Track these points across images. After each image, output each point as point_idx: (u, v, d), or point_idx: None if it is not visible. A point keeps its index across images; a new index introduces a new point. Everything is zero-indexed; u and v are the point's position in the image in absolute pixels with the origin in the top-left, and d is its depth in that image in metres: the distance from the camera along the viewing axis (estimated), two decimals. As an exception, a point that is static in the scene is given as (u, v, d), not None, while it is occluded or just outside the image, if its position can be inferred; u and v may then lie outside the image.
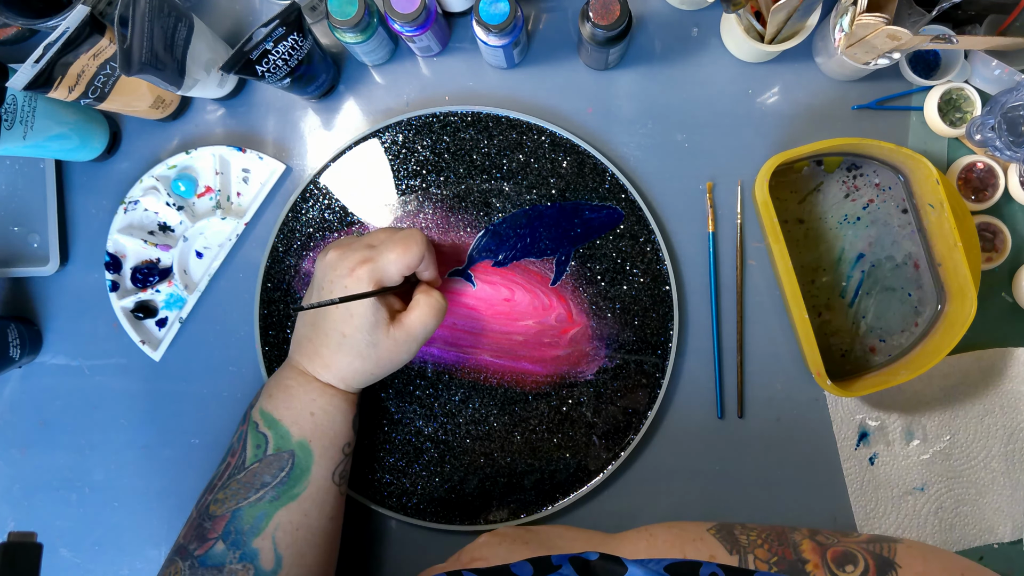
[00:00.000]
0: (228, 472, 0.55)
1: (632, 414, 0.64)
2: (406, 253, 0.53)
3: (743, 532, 0.52)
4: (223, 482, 0.55)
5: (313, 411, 0.55)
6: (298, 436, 0.55)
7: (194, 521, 0.55)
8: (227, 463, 0.56)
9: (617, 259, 0.64)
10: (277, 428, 0.55)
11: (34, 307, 0.69)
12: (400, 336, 0.55)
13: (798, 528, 0.52)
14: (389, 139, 0.65)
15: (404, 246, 0.53)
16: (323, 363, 0.56)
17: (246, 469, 0.54)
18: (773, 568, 0.48)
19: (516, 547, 0.53)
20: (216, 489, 0.55)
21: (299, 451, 0.54)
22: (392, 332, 0.55)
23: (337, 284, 0.54)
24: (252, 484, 0.53)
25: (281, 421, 0.55)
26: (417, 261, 0.54)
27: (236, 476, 0.54)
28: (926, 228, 0.64)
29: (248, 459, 0.54)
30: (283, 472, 0.54)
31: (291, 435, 0.55)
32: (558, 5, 0.67)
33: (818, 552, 0.49)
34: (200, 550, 0.52)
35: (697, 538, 0.52)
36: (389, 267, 0.53)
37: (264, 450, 0.54)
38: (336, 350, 0.55)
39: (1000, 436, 0.65)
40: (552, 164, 0.65)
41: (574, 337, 0.64)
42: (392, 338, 0.55)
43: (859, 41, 0.58)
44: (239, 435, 0.57)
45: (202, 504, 0.55)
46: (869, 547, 0.49)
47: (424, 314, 0.55)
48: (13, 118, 0.57)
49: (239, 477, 0.54)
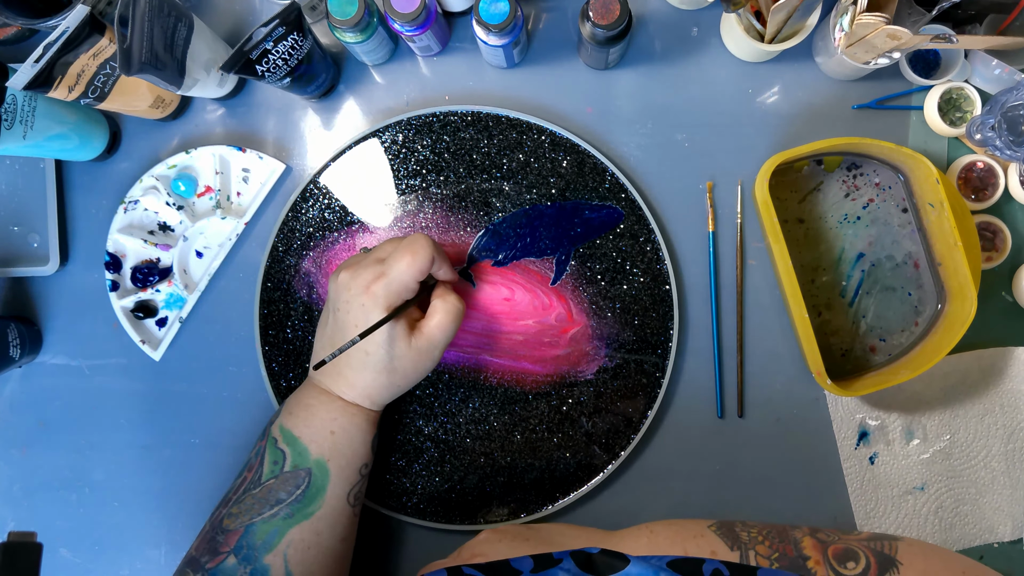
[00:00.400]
0: (244, 487, 0.55)
1: (632, 414, 0.64)
2: (415, 259, 0.53)
3: (744, 529, 0.52)
4: (238, 496, 0.55)
5: (333, 430, 0.55)
6: (316, 454, 0.55)
7: (207, 534, 0.55)
8: (243, 477, 0.56)
9: (617, 259, 0.64)
10: (296, 445, 0.55)
11: (34, 307, 0.69)
12: (422, 345, 0.55)
13: (799, 526, 0.52)
14: (389, 139, 0.65)
15: (412, 252, 0.53)
16: (348, 383, 0.56)
17: (262, 485, 0.54)
18: (775, 565, 0.48)
19: (516, 543, 0.53)
20: (231, 503, 0.55)
21: (316, 469, 0.54)
22: (413, 343, 0.55)
23: (353, 304, 0.54)
24: (267, 500, 0.53)
25: (300, 438, 0.55)
26: (428, 264, 0.54)
27: (252, 491, 0.54)
28: (926, 228, 0.64)
29: (265, 475, 0.54)
30: (299, 490, 0.54)
31: (309, 453, 0.55)
32: (558, 5, 0.67)
33: (819, 549, 0.49)
34: (211, 563, 0.52)
35: (698, 535, 0.52)
36: (402, 277, 0.53)
37: (281, 467, 0.54)
38: (360, 369, 0.55)
39: (1000, 435, 0.65)
40: (552, 164, 0.65)
41: (574, 337, 0.64)
42: (415, 349, 0.55)
43: (859, 40, 0.58)
44: (257, 450, 0.57)
45: (216, 517, 0.55)
46: (870, 544, 0.49)
47: (443, 320, 0.55)
48: (13, 118, 0.57)
49: (255, 492, 0.54)
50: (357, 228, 0.66)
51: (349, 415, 0.56)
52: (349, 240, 0.66)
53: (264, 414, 0.67)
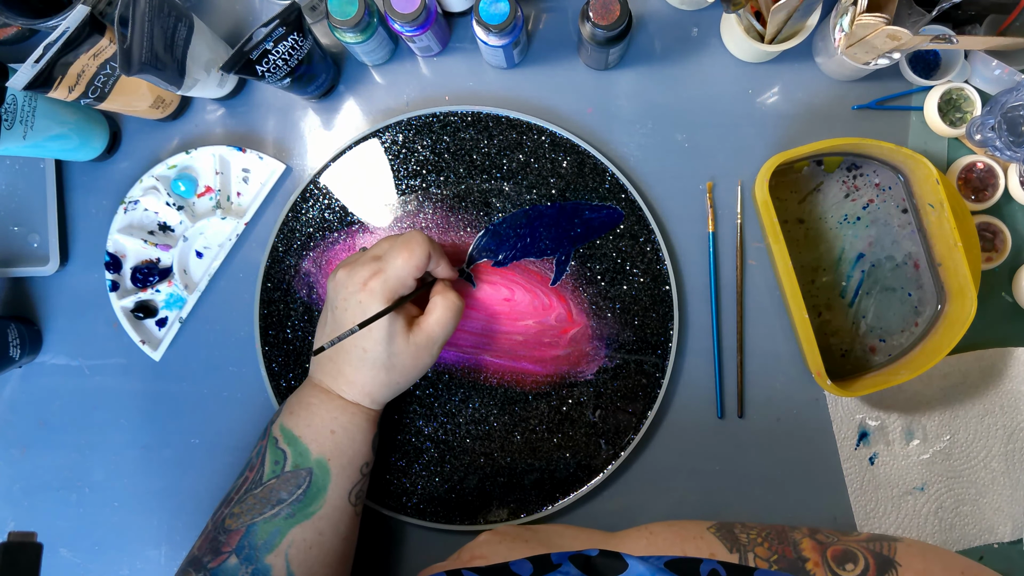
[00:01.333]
0: (245, 487, 0.55)
1: (632, 414, 0.64)
2: (412, 256, 0.53)
3: (743, 531, 0.52)
4: (240, 496, 0.55)
5: (334, 429, 0.55)
6: (317, 454, 0.55)
7: (209, 534, 0.55)
8: (245, 477, 0.56)
9: (617, 259, 0.64)
10: (296, 445, 0.55)
11: (34, 307, 0.69)
12: (421, 341, 0.55)
13: (798, 527, 0.52)
14: (389, 139, 0.65)
15: (408, 249, 0.53)
16: (347, 381, 0.56)
17: (263, 484, 0.54)
18: (773, 567, 0.48)
19: (516, 545, 0.53)
20: (232, 503, 0.55)
21: (317, 469, 0.54)
22: (412, 339, 0.55)
23: (351, 301, 0.54)
24: (268, 500, 0.53)
25: (301, 438, 0.55)
26: (424, 260, 0.54)
27: (253, 491, 0.54)
28: (926, 228, 0.64)
29: (266, 475, 0.54)
30: (300, 489, 0.54)
31: (310, 452, 0.55)
32: (558, 5, 0.67)
33: (818, 550, 0.49)
34: (213, 563, 0.52)
35: (697, 536, 0.52)
36: (399, 273, 0.53)
37: (282, 466, 0.54)
38: (359, 366, 0.55)
39: (1000, 436, 0.65)
40: (552, 164, 0.65)
41: (574, 337, 0.64)
42: (413, 344, 0.55)
43: (859, 41, 0.58)
44: (258, 450, 0.57)
45: (218, 517, 0.55)
46: (869, 546, 0.49)
47: (442, 316, 0.55)
48: (13, 118, 0.57)
49: (256, 492, 0.54)
50: (357, 228, 0.66)
51: (349, 414, 0.56)
52: (349, 240, 0.66)
53: (264, 414, 0.67)
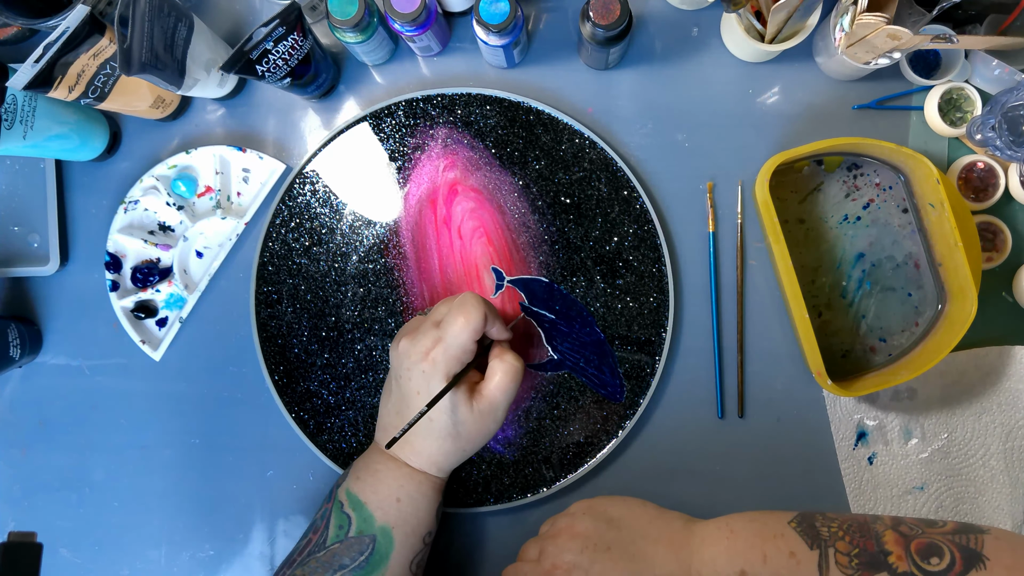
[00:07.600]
0: (308, 549, 0.55)
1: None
2: (469, 321, 0.53)
3: (824, 523, 0.51)
4: (302, 559, 0.55)
5: (400, 497, 0.55)
6: (381, 521, 0.55)
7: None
8: (308, 539, 0.56)
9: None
10: (362, 511, 0.55)
11: (34, 307, 0.69)
12: (484, 408, 0.55)
13: (880, 518, 0.52)
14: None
15: (464, 314, 0.53)
16: (414, 450, 0.56)
17: (326, 548, 0.54)
18: (854, 561, 0.48)
19: (598, 556, 0.53)
20: (295, 564, 0.55)
21: (381, 536, 0.54)
22: (476, 406, 0.55)
23: (415, 371, 0.54)
24: (331, 564, 0.53)
25: (366, 504, 0.55)
26: (481, 324, 0.53)
27: (316, 554, 0.54)
28: (926, 228, 0.64)
29: (329, 538, 0.55)
30: (362, 556, 0.54)
31: (375, 519, 0.55)
32: (558, 5, 0.67)
33: (902, 544, 0.48)
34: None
35: (778, 534, 0.51)
36: (459, 340, 0.53)
37: (346, 531, 0.54)
38: (425, 436, 0.55)
39: (998, 434, 0.65)
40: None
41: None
42: (478, 412, 0.55)
43: (859, 41, 0.58)
44: (323, 512, 0.57)
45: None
46: (955, 538, 0.48)
47: (503, 381, 0.55)
48: (13, 118, 0.57)
49: (319, 555, 0.54)
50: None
51: (416, 483, 0.56)
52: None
53: (264, 414, 0.67)
